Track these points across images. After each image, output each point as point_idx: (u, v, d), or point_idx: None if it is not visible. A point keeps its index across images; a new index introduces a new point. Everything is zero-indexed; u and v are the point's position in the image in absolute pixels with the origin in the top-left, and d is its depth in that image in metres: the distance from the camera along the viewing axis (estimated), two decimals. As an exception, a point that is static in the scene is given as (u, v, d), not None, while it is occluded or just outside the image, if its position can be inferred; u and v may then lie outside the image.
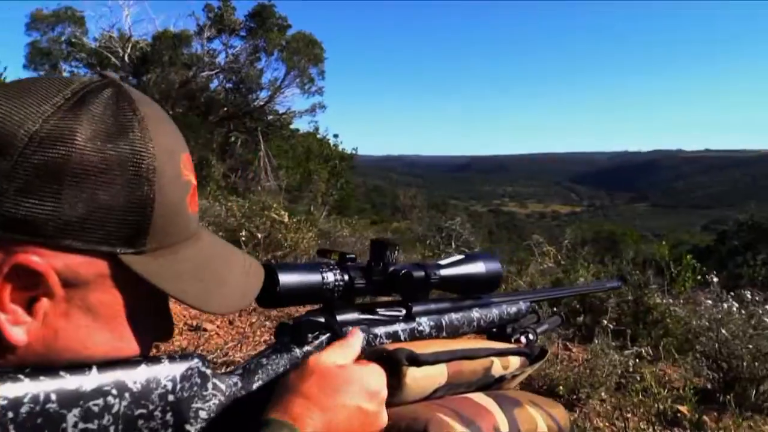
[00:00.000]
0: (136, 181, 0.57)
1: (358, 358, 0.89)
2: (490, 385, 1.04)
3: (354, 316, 0.91)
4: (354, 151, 22.11)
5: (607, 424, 2.32)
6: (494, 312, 1.16)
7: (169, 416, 0.64)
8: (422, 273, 1.00)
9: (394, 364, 0.86)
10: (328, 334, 0.86)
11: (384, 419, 0.74)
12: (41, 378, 0.55)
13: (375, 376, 0.74)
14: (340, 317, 0.89)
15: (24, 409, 0.54)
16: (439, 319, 1.04)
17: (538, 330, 1.24)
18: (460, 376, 0.96)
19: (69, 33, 16.54)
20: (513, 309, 1.21)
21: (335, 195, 19.56)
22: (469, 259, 1.11)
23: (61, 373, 0.57)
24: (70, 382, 0.57)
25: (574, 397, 2.75)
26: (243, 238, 5.89)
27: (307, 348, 0.83)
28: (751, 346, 3.60)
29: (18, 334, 0.55)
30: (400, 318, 0.99)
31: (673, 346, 4.86)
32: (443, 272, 1.04)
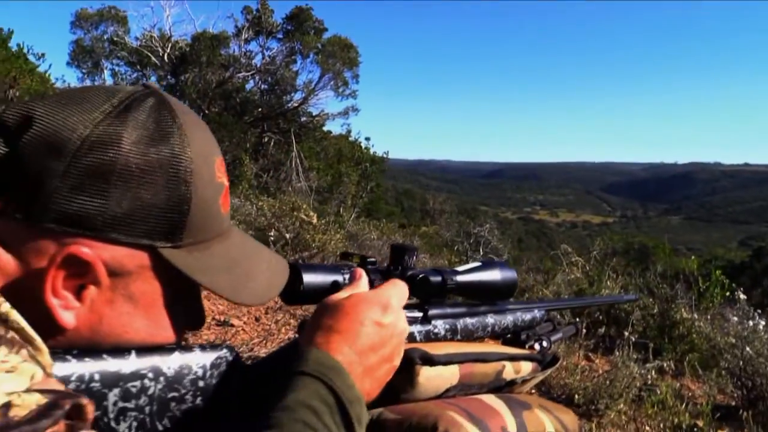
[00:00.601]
0: (175, 182, 0.63)
1: None
2: (501, 388, 1.08)
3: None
4: (385, 155, 22.14)
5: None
6: (509, 318, 1.20)
7: (199, 400, 0.70)
8: (439, 278, 1.05)
9: (408, 363, 0.91)
10: None
11: (404, 326, 0.78)
12: (86, 360, 0.62)
13: (383, 292, 0.77)
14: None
15: (71, 386, 0.59)
16: (455, 322, 1.08)
17: (553, 338, 1.28)
18: (472, 378, 1.00)
19: (111, 32, 16.92)
20: (528, 316, 1.25)
21: (365, 197, 19.62)
22: (486, 266, 1.15)
23: (104, 356, 0.63)
24: (111, 364, 0.63)
25: (593, 407, 2.76)
26: (272, 238, 6.00)
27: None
28: (775, 365, 3.55)
29: (68, 318, 0.60)
30: (417, 320, 1.04)
31: (698, 362, 4.81)
32: (460, 278, 1.08)
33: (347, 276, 0.91)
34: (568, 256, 8.74)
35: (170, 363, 0.68)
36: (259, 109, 17.40)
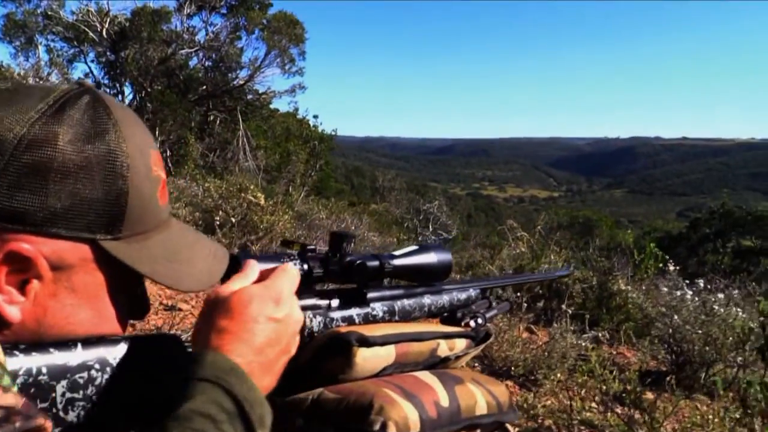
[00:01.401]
0: (112, 176, 0.65)
1: (313, 341, 1.00)
2: (436, 364, 1.14)
3: (312, 301, 1.01)
4: (333, 133, 22.03)
5: (555, 401, 2.47)
6: (445, 298, 1.27)
7: (145, 389, 0.72)
8: (377, 263, 1.10)
9: (345, 345, 0.97)
10: None
11: (298, 315, 0.77)
12: (33, 354, 0.64)
13: (275, 284, 0.75)
14: (299, 302, 0.99)
15: (19, 380, 0.61)
16: (392, 304, 1.13)
17: (488, 315, 1.35)
18: (408, 357, 1.06)
19: (45, 5, 16.16)
20: (463, 296, 1.31)
21: (314, 176, 19.51)
22: (422, 250, 1.21)
23: (51, 349, 0.65)
24: (58, 357, 0.65)
25: (532, 377, 2.90)
26: (219, 221, 5.94)
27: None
28: (701, 332, 3.77)
29: (13, 313, 0.62)
30: (356, 303, 1.09)
31: (633, 331, 5.05)
32: (396, 262, 1.14)
33: (287, 263, 0.95)
34: (513, 231, 8.95)
35: (116, 353, 0.70)
36: (204, 87, 17.01)
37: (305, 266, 0.97)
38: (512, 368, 3.03)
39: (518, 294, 4.35)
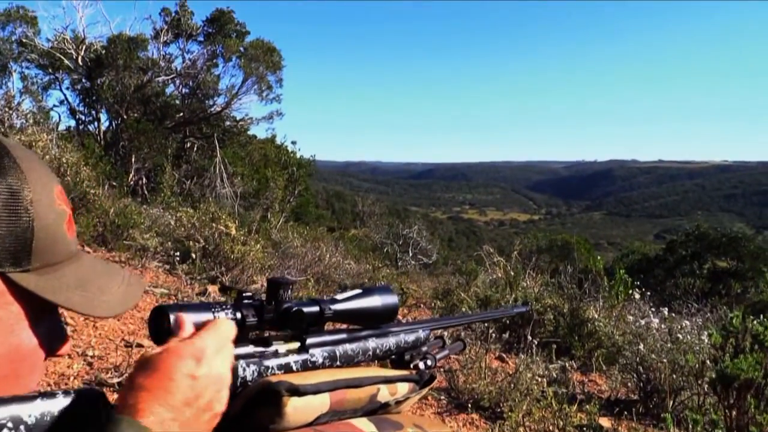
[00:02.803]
0: (17, 212, 0.67)
1: (244, 391, 1.00)
2: (377, 410, 1.14)
3: (246, 350, 1.00)
4: (312, 158, 22.06)
5: (517, 436, 2.48)
6: (391, 341, 1.26)
7: None
8: (316, 308, 1.09)
9: (275, 395, 0.96)
10: None
11: (220, 372, 0.76)
12: None
13: (198, 341, 0.75)
14: (233, 351, 0.98)
15: None
16: (334, 349, 1.12)
17: (438, 356, 1.35)
18: (344, 404, 1.05)
19: (20, 33, 16.10)
20: (411, 337, 1.31)
21: (293, 202, 19.48)
22: (366, 293, 1.21)
23: None
24: None
25: (498, 410, 2.88)
26: (192, 250, 5.89)
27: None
28: (666, 360, 3.79)
29: None
30: (294, 350, 1.09)
31: (603, 359, 5.07)
32: (337, 307, 1.13)
33: (219, 314, 0.95)
34: (490, 256, 8.98)
35: (31, 411, 0.68)
36: (181, 114, 16.96)
37: (238, 314, 0.97)
38: (481, 400, 3.02)
39: (486, 324, 4.35)
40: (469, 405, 2.97)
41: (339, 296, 1.19)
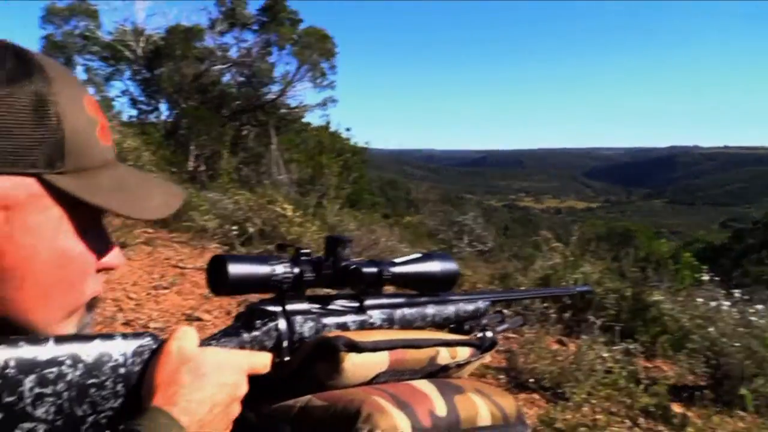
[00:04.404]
0: (46, 115, 0.66)
1: (302, 346, 0.97)
2: (436, 373, 1.09)
3: (303, 306, 0.97)
4: (366, 145, 22.12)
5: (580, 416, 2.38)
6: (450, 309, 1.21)
7: (120, 387, 0.71)
8: (375, 269, 1.06)
9: (332, 351, 0.93)
10: (276, 321, 0.93)
11: (243, 389, 0.79)
12: (1, 346, 0.63)
13: (232, 360, 0.79)
14: (289, 306, 0.95)
15: None
16: (392, 312, 1.08)
17: (498, 329, 1.30)
18: (403, 364, 1.01)
19: (83, 27, 16.69)
20: (470, 307, 1.25)
21: (347, 189, 19.58)
22: (425, 258, 1.16)
23: (20, 343, 0.65)
24: (27, 351, 0.65)
25: (560, 390, 2.81)
26: (250, 231, 5.99)
27: (254, 333, 0.91)
28: (738, 344, 3.61)
29: None
30: (352, 310, 1.05)
31: (669, 343, 4.89)
32: (396, 269, 1.09)
33: (276, 267, 0.93)
34: (548, 242, 8.81)
35: (89, 350, 0.69)
36: (237, 102, 17.27)
37: (296, 269, 0.95)
38: (542, 380, 2.95)
39: (546, 305, 4.26)
40: (530, 383, 2.91)
41: (398, 259, 1.15)
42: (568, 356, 3.13)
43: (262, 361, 0.84)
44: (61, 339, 0.68)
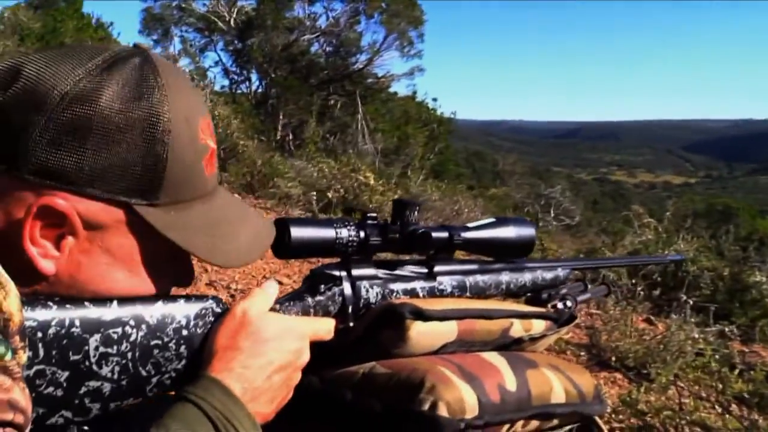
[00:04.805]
0: (152, 140, 0.64)
1: (367, 313, 0.94)
2: (508, 345, 1.05)
3: (370, 271, 0.95)
4: (453, 115, 21.89)
5: (665, 399, 2.26)
6: (527, 276, 1.16)
7: (183, 348, 0.72)
8: (445, 234, 1.02)
9: (398, 318, 0.90)
10: (340, 286, 0.91)
11: (306, 357, 0.78)
12: (67, 306, 0.65)
13: (295, 327, 0.78)
14: (355, 271, 0.93)
15: (51, 331, 0.63)
16: (464, 279, 1.04)
17: (579, 298, 1.23)
18: (473, 335, 0.97)
19: (180, -1, 17.30)
20: (549, 275, 1.20)
21: (432, 159, 19.48)
22: (500, 222, 1.11)
23: (86, 303, 0.66)
24: (92, 311, 0.66)
25: (644, 371, 2.69)
26: (334, 199, 6.09)
27: (318, 298, 0.89)
28: None
29: (48, 266, 0.64)
30: (421, 276, 1.02)
31: (769, 328, 4.57)
32: (468, 234, 1.05)
33: (341, 231, 0.90)
34: (640, 217, 8.43)
35: (153, 312, 0.70)
36: (325, 72, 17.48)
37: (361, 233, 0.92)
38: (626, 359, 2.83)
39: (633, 281, 4.06)
40: (612, 361, 2.80)
41: (471, 224, 1.10)
42: (656, 336, 2.98)
43: (325, 328, 0.82)
44: (124, 300, 0.68)
